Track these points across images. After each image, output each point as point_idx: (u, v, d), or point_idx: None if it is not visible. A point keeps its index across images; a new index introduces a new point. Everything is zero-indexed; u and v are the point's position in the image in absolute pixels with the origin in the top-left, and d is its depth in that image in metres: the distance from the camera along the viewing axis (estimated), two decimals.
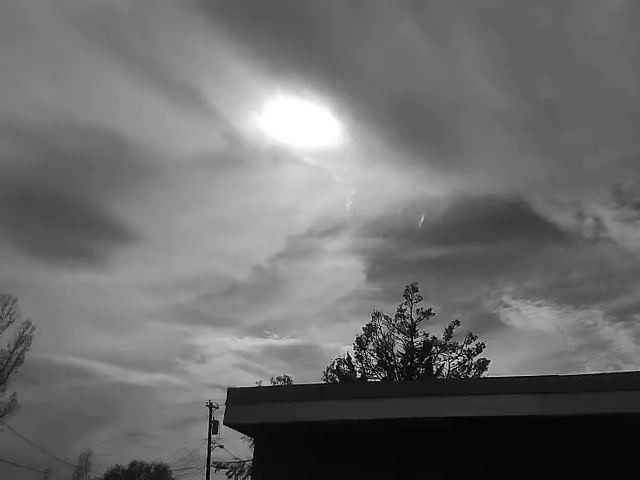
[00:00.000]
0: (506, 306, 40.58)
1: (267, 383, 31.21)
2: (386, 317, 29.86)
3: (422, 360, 29.28)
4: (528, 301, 40.93)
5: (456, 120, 38.32)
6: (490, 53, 35.87)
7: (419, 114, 37.78)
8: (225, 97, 42.27)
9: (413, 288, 29.99)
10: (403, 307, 29.78)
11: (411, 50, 34.20)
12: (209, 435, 38.01)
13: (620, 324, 39.88)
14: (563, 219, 41.39)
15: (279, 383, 31.44)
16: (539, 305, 41.31)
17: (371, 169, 41.79)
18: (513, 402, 4.29)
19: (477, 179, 42.99)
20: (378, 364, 29.43)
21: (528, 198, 40.48)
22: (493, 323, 39.57)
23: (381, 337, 29.54)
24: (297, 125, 49.92)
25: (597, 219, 39.14)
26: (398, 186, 43.39)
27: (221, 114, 44.62)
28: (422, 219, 43.52)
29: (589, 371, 36.47)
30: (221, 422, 29.61)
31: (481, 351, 28.86)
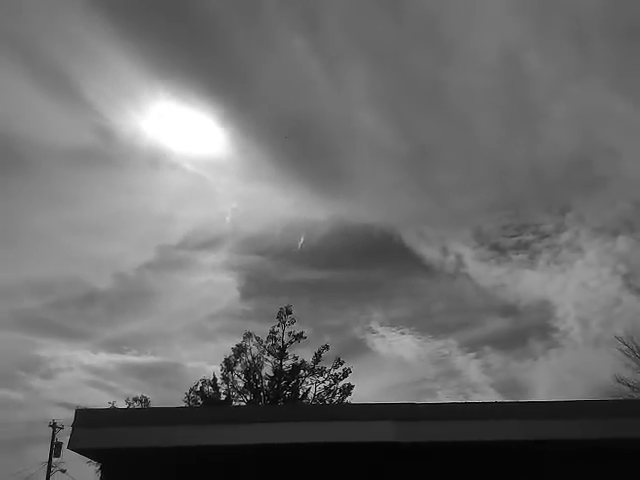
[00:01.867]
0: (373, 332, 41.99)
1: (122, 404, 29.43)
2: (257, 338, 29.63)
3: (289, 383, 29.28)
4: (393, 328, 42.68)
5: (342, 148, 39.50)
6: (377, 89, 37.55)
7: (306, 136, 38.44)
8: (101, 91, 39.83)
9: (287, 310, 30.06)
10: (275, 329, 29.73)
11: (304, 72, 34.85)
12: (50, 458, 34.85)
13: (471, 355, 42.65)
14: (429, 253, 43.89)
15: (135, 404, 29.74)
16: (403, 333, 43.20)
17: (254, 184, 41.61)
18: (370, 428, 4.31)
19: (357, 207, 44.41)
20: (245, 386, 28.99)
21: (401, 230, 42.49)
22: (360, 348, 40.71)
23: (250, 358, 29.20)
24: (179, 130, 48.12)
25: (459, 256, 42.03)
26: (280, 205, 43.53)
27: (95, 107, 41.79)
28: (301, 241, 43.90)
29: (442, 398, 38.59)
30: (65, 444, 27.32)
31: (347, 376, 29.44)
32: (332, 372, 29.70)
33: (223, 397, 28.67)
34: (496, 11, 33.32)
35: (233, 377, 29.06)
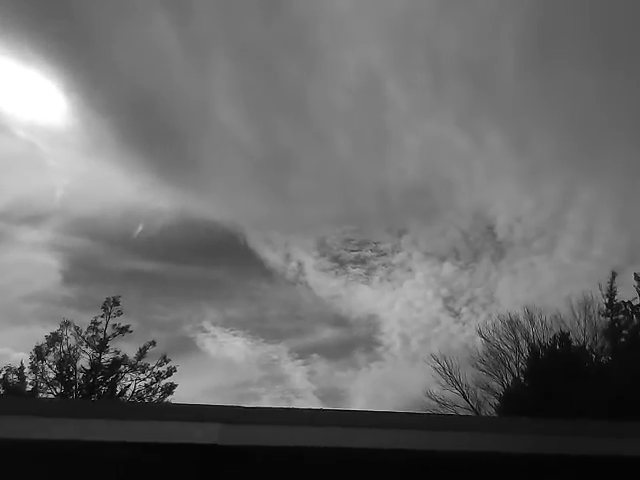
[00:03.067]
0: (205, 331, 41.17)
1: None
2: (76, 328, 27.63)
3: (107, 378, 27.65)
4: (226, 329, 42.20)
5: (196, 139, 38.23)
6: (239, 85, 37.04)
7: (160, 121, 36.53)
8: None
9: (114, 301, 28.47)
10: (98, 319, 27.96)
11: (164, 51, 33.15)
12: None
13: (299, 361, 43.63)
14: (273, 258, 44.10)
15: None
16: (235, 335, 42.91)
17: (94, 162, 38.46)
18: (192, 430, 4.07)
19: (204, 202, 43.24)
20: (56, 378, 26.80)
21: (247, 232, 42.14)
22: (189, 347, 39.63)
23: (66, 349, 27.10)
24: (14, 91, 43.13)
25: (300, 264, 42.89)
26: (120, 188, 40.66)
27: None
28: (140, 229, 41.51)
29: (265, 402, 38.97)
30: None
31: (171, 374, 28.58)
32: (155, 370, 28.63)
33: (29, 387, 26.23)
34: (362, 33, 34.77)
35: (43, 367, 26.74)
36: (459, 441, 4.46)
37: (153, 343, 28.75)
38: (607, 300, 25.94)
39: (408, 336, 44.18)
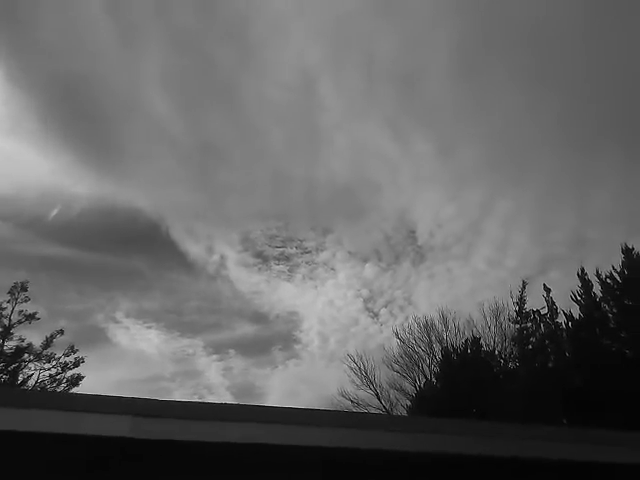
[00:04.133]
0: (117, 322, 39.79)
1: None
2: None
3: (8, 366, 26.21)
4: (140, 321, 40.96)
5: (122, 123, 36.83)
6: (172, 73, 36.02)
7: (85, 103, 34.87)
8: None
9: (22, 286, 27.04)
10: (4, 305, 26.45)
11: (95, 29, 31.75)
12: None
13: (215, 357, 43.11)
14: (195, 250, 43.34)
15: None
16: (149, 327, 41.75)
17: (11, 139, 36.41)
18: (103, 422, 3.91)
19: (126, 189, 41.81)
20: None
21: (170, 222, 41.05)
22: (100, 338, 38.16)
23: None
24: None
25: (223, 257, 42.37)
26: (38, 168, 38.51)
27: None
28: (55, 212, 39.50)
29: (177, 397, 38.27)
30: None
31: (79, 365, 27.49)
32: (62, 360, 27.45)
33: None
34: (300, 32, 34.80)
35: None
36: (368, 439, 4.54)
37: (61, 332, 27.53)
38: (517, 308, 27.27)
39: (327, 335, 44.79)
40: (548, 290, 26.64)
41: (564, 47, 31.52)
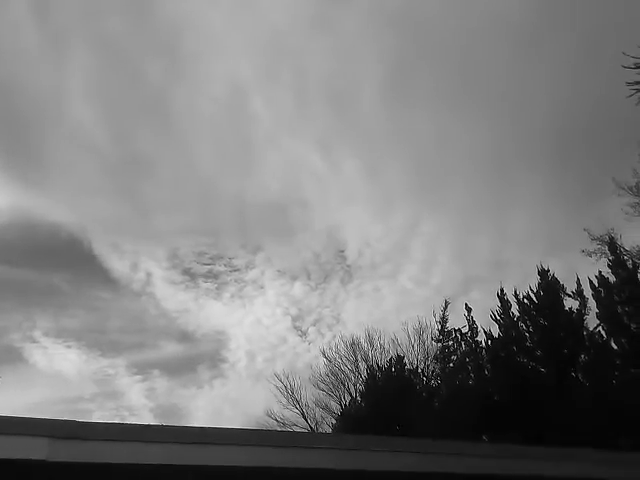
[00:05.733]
0: (35, 341, 37.89)
1: None
2: None
3: None
4: (59, 340, 39.13)
5: (45, 134, 35.40)
6: (98, 82, 34.90)
7: (3, 109, 33.40)
8: None
9: None
10: None
11: (18, 41, 30.55)
12: None
13: (138, 377, 41.71)
14: (119, 267, 41.88)
15: None
16: (69, 346, 39.94)
17: None
18: (18, 444, 3.81)
19: (46, 201, 40.03)
20: None
21: (93, 237, 39.60)
22: (14, 357, 36.16)
23: None
24: None
25: (148, 274, 41.19)
26: None
27: None
28: None
29: (97, 419, 36.73)
30: None
31: None
32: None
33: None
34: (232, 45, 34.81)
35: None
36: (291, 458, 4.63)
37: None
38: (439, 327, 28.09)
39: (254, 354, 44.30)
40: (469, 309, 27.61)
41: (489, 72, 33.01)
